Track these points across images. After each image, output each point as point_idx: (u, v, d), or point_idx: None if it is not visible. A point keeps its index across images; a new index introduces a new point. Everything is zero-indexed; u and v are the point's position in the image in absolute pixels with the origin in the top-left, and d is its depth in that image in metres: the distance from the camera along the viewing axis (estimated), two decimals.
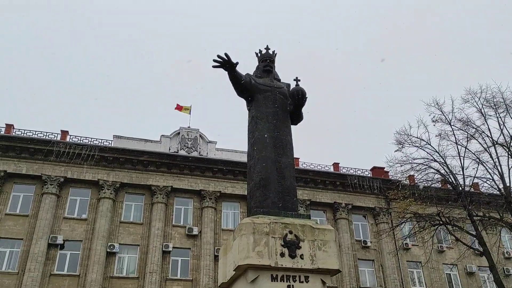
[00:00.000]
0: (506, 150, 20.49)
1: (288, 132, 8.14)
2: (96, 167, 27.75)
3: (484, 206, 21.86)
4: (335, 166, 33.02)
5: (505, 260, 31.54)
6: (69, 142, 27.63)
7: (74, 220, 26.74)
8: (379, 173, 32.77)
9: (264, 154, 7.64)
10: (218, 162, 29.74)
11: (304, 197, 30.09)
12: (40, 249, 24.69)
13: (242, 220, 6.84)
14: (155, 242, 26.70)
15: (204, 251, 27.30)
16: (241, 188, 28.25)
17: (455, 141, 21.30)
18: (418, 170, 21.54)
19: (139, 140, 30.02)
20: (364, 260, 30.56)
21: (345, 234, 30.21)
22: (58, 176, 26.84)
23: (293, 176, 7.76)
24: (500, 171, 20.44)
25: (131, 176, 28.30)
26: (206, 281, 26.31)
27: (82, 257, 25.69)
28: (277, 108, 8.17)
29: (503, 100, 20.55)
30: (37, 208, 26.08)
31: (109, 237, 26.39)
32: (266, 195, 7.28)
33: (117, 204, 27.74)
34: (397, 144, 21.83)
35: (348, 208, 31.38)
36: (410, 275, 30.87)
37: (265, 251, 6.34)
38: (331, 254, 6.64)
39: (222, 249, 7.42)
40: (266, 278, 6.30)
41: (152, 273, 25.80)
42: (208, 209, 28.71)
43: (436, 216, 20.92)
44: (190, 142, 30.54)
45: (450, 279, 31.62)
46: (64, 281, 24.97)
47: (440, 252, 31.03)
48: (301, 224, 6.79)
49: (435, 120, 21.35)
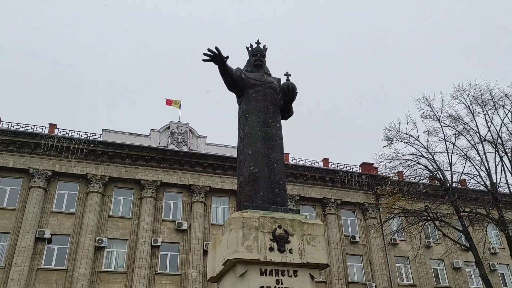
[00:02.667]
0: (493, 147, 20.75)
1: (278, 127, 8.13)
2: (84, 161, 27.51)
3: (471, 202, 22.14)
4: (324, 161, 33.15)
5: (491, 256, 32.00)
6: (57, 136, 27.33)
7: (62, 214, 26.52)
8: (368, 169, 32.99)
9: (254, 149, 7.63)
10: (208, 157, 29.67)
11: (293, 192, 30.18)
12: (27, 243, 24.45)
13: (232, 214, 6.83)
14: (144, 237, 26.60)
15: (194, 245, 27.27)
16: (231, 183, 28.23)
17: (443, 138, 21.55)
18: (406, 166, 21.75)
19: (129, 134, 29.81)
20: (353, 255, 30.79)
21: (334, 229, 30.39)
22: (46, 169, 26.57)
23: (283, 171, 7.76)
24: (487, 168, 20.71)
25: (120, 170, 28.12)
26: (195, 276, 26.30)
27: (70, 252, 25.51)
28: (267, 102, 8.15)
29: (491, 98, 20.79)
30: (24, 201, 25.80)
31: (97, 231, 26.22)
32: (256, 190, 7.28)
33: (106, 198, 27.56)
34: (386, 140, 22.03)
35: (337, 203, 31.55)
36: (398, 270, 31.18)
37: (254, 245, 6.35)
38: (319, 249, 6.67)
39: (211, 243, 7.41)
40: (255, 272, 6.31)
41: (141, 268, 25.71)
42: (198, 204, 28.66)
43: (424, 211, 21.15)
44: (180, 137, 30.42)
45: (437, 274, 32.00)
46: (51, 275, 24.79)
47: (427, 248, 31.37)
48: (290, 219, 6.80)
49: (424, 116, 21.57)
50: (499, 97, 20.82)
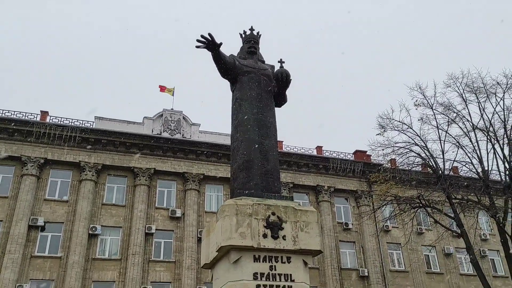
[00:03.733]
0: (486, 135, 20.89)
1: (272, 115, 8.12)
2: (77, 148, 27.37)
3: (462, 189, 22.32)
4: (318, 149, 33.25)
5: (481, 242, 32.43)
6: (49, 123, 27.11)
7: (55, 202, 26.44)
8: (361, 157, 33.14)
9: (247, 136, 7.62)
10: (202, 145, 29.62)
11: (287, 180, 30.27)
12: (20, 230, 24.40)
13: (225, 201, 6.85)
14: (137, 224, 26.63)
15: (187, 233, 27.37)
16: (225, 170, 28.25)
17: (436, 125, 21.64)
18: (399, 154, 21.85)
19: (121, 122, 29.63)
20: (345, 242, 31.08)
21: (327, 216, 30.60)
22: (38, 157, 26.41)
23: (276, 158, 7.77)
24: (479, 155, 20.88)
25: (113, 158, 28.02)
26: (189, 263, 26.45)
27: (64, 239, 25.51)
28: (261, 90, 8.12)
29: (483, 85, 20.86)
30: (17, 189, 25.68)
31: (91, 219, 26.21)
32: (249, 177, 7.28)
33: (99, 186, 27.50)
34: (379, 128, 22.07)
35: (330, 191, 31.73)
36: (390, 256, 31.55)
37: (248, 232, 6.38)
38: (313, 235, 6.71)
39: (205, 230, 7.44)
40: (248, 258, 6.35)
41: (135, 255, 25.80)
42: (192, 192, 28.69)
43: (416, 199, 21.31)
44: (173, 124, 30.30)
45: (428, 260, 32.43)
46: (45, 262, 24.81)
47: (419, 234, 31.72)
48: (284, 206, 6.83)
49: (418, 104, 21.62)
50: (491, 85, 20.91)
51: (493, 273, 32.77)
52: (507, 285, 30.31)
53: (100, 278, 25.30)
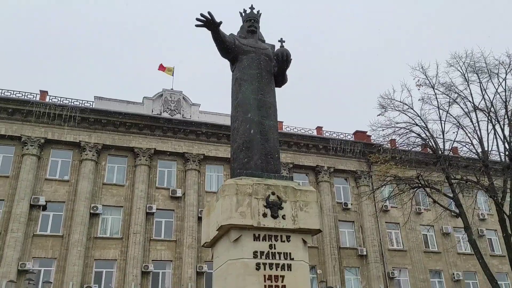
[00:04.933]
0: (486, 115, 20.84)
1: (272, 95, 8.07)
2: (77, 128, 27.36)
3: (462, 169, 22.40)
4: (318, 129, 33.24)
5: (479, 222, 32.75)
6: (49, 103, 27.04)
7: (56, 182, 26.58)
8: (361, 137, 33.16)
9: (247, 117, 7.60)
10: (202, 125, 29.60)
11: (287, 160, 30.35)
12: (22, 210, 24.60)
13: (226, 181, 6.88)
14: (138, 204, 26.83)
15: (188, 212, 27.59)
16: (225, 151, 28.30)
17: (437, 106, 21.55)
18: (399, 134, 21.83)
19: (121, 102, 29.54)
20: (345, 222, 31.36)
21: (326, 196, 30.80)
22: (39, 137, 26.42)
23: (276, 138, 7.76)
24: (479, 136, 20.88)
25: (114, 138, 28.04)
26: (190, 242, 26.74)
27: (65, 218, 25.74)
28: (261, 70, 8.06)
29: (486, 66, 20.71)
30: (18, 169, 25.78)
31: (92, 198, 26.39)
32: (250, 157, 7.29)
33: (100, 166, 27.59)
34: (380, 108, 21.99)
35: (330, 171, 31.85)
36: (389, 236, 31.91)
37: (248, 211, 6.43)
38: (312, 215, 6.77)
39: (206, 209, 7.49)
40: (248, 237, 6.42)
41: (136, 234, 26.07)
42: (192, 172, 28.80)
43: (416, 179, 21.38)
44: (173, 105, 30.21)
45: (427, 239, 32.81)
46: (47, 241, 25.09)
47: (418, 214, 31.98)
48: (284, 186, 6.86)
49: (419, 84, 21.50)
50: (494, 65, 20.75)
51: (490, 252, 33.20)
52: (504, 264, 30.70)
53: (102, 256, 25.63)
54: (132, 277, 24.99)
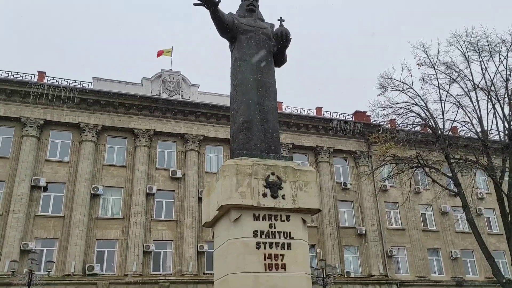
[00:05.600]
0: (486, 94, 20.79)
1: (271, 75, 8.02)
2: (76, 109, 27.30)
3: (461, 149, 22.45)
4: (318, 110, 33.17)
5: (477, 201, 33.00)
6: (47, 84, 26.90)
7: (56, 163, 26.66)
8: (361, 117, 33.12)
9: (247, 97, 7.57)
10: (201, 106, 29.52)
11: (286, 140, 30.37)
12: (23, 191, 24.74)
13: (226, 162, 6.91)
14: (139, 185, 26.96)
15: (188, 193, 27.75)
16: (225, 132, 28.29)
17: (437, 85, 21.48)
18: (399, 114, 21.83)
19: (120, 83, 29.37)
20: (344, 201, 31.58)
21: (326, 176, 30.93)
22: (38, 118, 26.38)
23: (276, 119, 7.75)
24: (479, 115, 20.88)
25: (113, 119, 28.00)
26: (191, 222, 26.97)
27: (66, 199, 25.91)
28: (260, 49, 7.99)
29: (487, 44, 20.55)
30: (18, 150, 25.82)
31: (92, 179, 26.50)
32: (249, 138, 7.30)
33: (100, 147, 27.63)
34: (380, 88, 21.92)
35: (329, 151, 31.92)
36: (387, 215, 32.19)
37: (248, 191, 6.47)
38: (312, 195, 6.81)
39: (206, 190, 7.54)
40: (248, 217, 6.48)
41: (137, 214, 26.28)
42: (192, 153, 28.86)
43: (415, 159, 21.44)
44: (172, 85, 30.05)
45: (425, 218, 33.12)
46: (49, 222, 25.31)
47: (416, 193, 32.19)
48: (283, 166, 6.89)
49: (420, 63, 21.38)
50: (495, 43, 20.59)
51: (488, 230, 33.55)
52: (501, 242, 31.07)
53: (104, 236, 25.90)
54: (133, 257, 25.29)
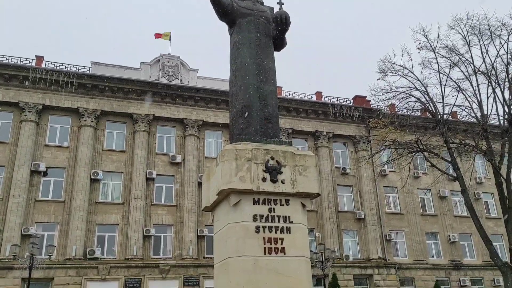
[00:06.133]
0: (487, 78, 20.68)
1: (271, 59, 7.95)
2: (74, 94, 27.20)
3: (461, 133, 22.45)
4: (317, 95, 33.06)
5: (476, 185, 33.15)
6: (46, 68, 26.76)
7: (55, 148, 26.67)
8: (361, 102, 33.04)
9: (246, 81, 7.52)
10: (200, 91, 29.41)
11: (286, 125, 30.35)
12: (23, 175, 24.80)
13: (225, 146, 6.90)
14: (138, 170, 27.02)
15: (188, 178, 27.83)
16: (224, 117, 28.25)
17: (437, 69, 21.36)
18: (399, 99, 21.76)
19: (118, 67, 29.21)
20: (343, 186, 31.72)
21: (325, 161, 30.99)
22: (36, 103, 26.30)
23: (275, 103, 7.71)
24: (479, 99, 20.81)
25: (112, 104, 27.92)
26: (190, 206, 27.11)
27: (66, 184, 26.00)
28: (259, 33, 7.90)
29: (488, 27, 20.37)
30: (17, 135, 25.81)
31: (92, 164, 26.55)
32: (249, 122, 7.27)
33: (99, 132, 27.62)
34: (380, 73, 21.79)
35: (329, 136, 31.93)
36: (386, 199, 32.37)
37: (247, 176, 6.48)
38: (311, 179, 6.82)
39: (205, 174, 7.54)
40: (248, 201, 6.50)
41: (137, 199, 26.40)
42: (191, 138, 28.85)
43: (414, 143, 21.45)
44: (171, 70, 29.89)
45: (424, 202, 33.33)
46: (49, 206, 25.43)
47: (415, 178, 32.31)
48: (283, 150, 6.89)
49: (420, 48, 21.21)
50: (496, 27, 20.41)
51: (486, 214, 33.81)
52: (499, 226, 31.32)
53: (104, 221, 26.06)
54: (134, 241, 25.49)
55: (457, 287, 30.98)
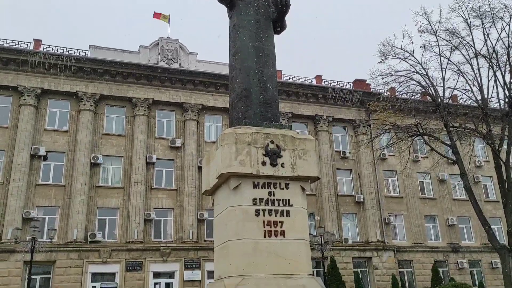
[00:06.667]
0: (488, 61, 20.54)
1: (270, 42, 7.90)
2: (73, 78, 27.06)
3: (461, 117, 22.41)
4: (317, 78, 32.90)
5: (475, 168, 33.25)
6: (44, 52, 26.56)
7: (55, 132, 26.65)
8: (361, 86, 32.92)
9: (246, 65, 7.48)
10: (200, 74, 29.26)
11: (286, 109, 30.28)
12: (23, 160, 24.83)
13: (225, 130, 6.89)
14: (138, 154, 27.05)
15: (188, 162, 27.88)
16: (223, 101, 28.16)
17: (438, 53, 21.20)
18: (400, 82, 21.62)
19: (117, 51, 28.99)
20: (343, 170, 31.81)
21: (325, 145, 31.01)
22: (35, 87, 26.18)
23: (275, 87, 7.68)
24: (480, 83, 20.70)
25: (111, 88, 27.80)
26: (190, 190, 27.22)
27: (67, 168, 26.06)
28: (259, 16, 7.83)
29: (490, 10, 20.15)
30: (16, 119, 25.77)
31: (92, 148, 26.57)
32: (248, 106, 7.25)
33: (98, 116, 27.56)
34: (380, 56, 21.62)
35: (329, 120, 31.89)
36: (385, 183, 32.49)
37: (247, 160, 6.49)
38: (311, 163, 6.84)
39: (205, 158, 7.56)
40: (248, 185, 6.53)
41: (137, 183, 26.49)
42: (191, 122, 28.81)
43: (414, 127, 21.42)
44: (170, 53, 29.68)
45: (423, 186, 33.49)
46: (50, 190, 25.53)
47: (415, 162, 32.38)
48: (283, 134, 6.89)
49: (421, 31, 21.00)
50: (498, 9, 20.19)
51: (485, 198, 33.99)
52: (498, 209, 31.53)
53: (105, 205, 26.19)
54: (135, 225, 25.67)
55: (455, 269, 31.33)
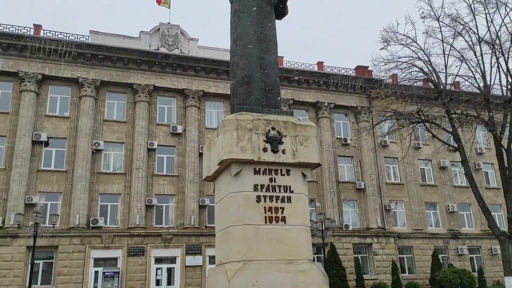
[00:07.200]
0: (491, 48, 20.37)
1: (272, 27, 7.82)
2: (74, 64, 26.96)
3: (463, 104, 22.31)
4: (319, 65, 32.72)
5: (477, 156, 33.27)
6: (44, 37, 26.41)
7: (56, 118, 26.65)
8: (363, 72, 32.74)
9: (247, 51, 7.42)
10: (201, 61, 29.11)
11: (287, 96, 30.18)
12: (24, 146, 24.88)
13: (226, 116, 6.87)
14: (139, 140, 27.07)
15: (189, 148, 27.91)
16: (225, 87, 28.06)
17: (441, 39, 21.01)
18: (402, 69, 21.48)
19: (117, 36, 28.82)
20: (344, 157, 31.83)
21: (326, 132, 30.98)
22: (36, 73, 26.10)
23: (276, 73, 7.63)
24: (482, 69, 20.56)
25: (112, 74, 27.70)
26: (192, 177, 27.30)
27: (68, 154, 26.12)
28: (261, 1, 7.75)
29: None
30: (17, 105, 25.75)
31: (93, 135, 26.59)
32: (250, 92, 7.22)
33: (99, 102, 27.52)
34: (383, 42, 21.44)
35: (330, 107, 31.80)
36: (387, 170, 32.54)
37: (248, 146, 6.49)
38: (312, 149, 6.83)
39: (206, 144, 7.56)
40: (249, 171, 6.53)
41: (139, 169, 26.56)
42: (192, 108, 28.76)
43: (416, 114, 21.35)
44: (171, 39, 29.49)
45: (424, 173, 33.54)
46: (52, 176, 25.62)
47: (416, 149, 32.39)
48: (284, 121, 6.87)
49: (424, 16, 20.77)
50: None
51: (486, 185, 34.05)
52: (498, 196, 31.60)
53: (106, 191, 26.31)
54: (136, 210, 25.82)
55: (454, 256, 31.55)
